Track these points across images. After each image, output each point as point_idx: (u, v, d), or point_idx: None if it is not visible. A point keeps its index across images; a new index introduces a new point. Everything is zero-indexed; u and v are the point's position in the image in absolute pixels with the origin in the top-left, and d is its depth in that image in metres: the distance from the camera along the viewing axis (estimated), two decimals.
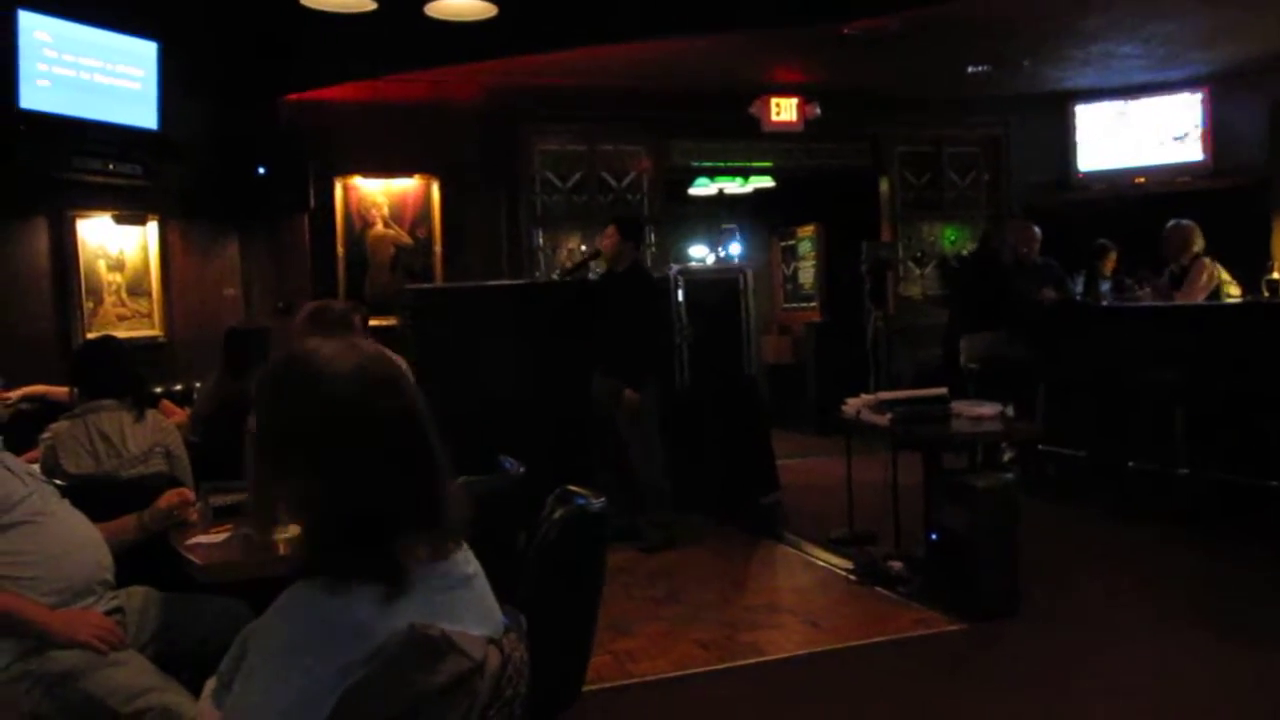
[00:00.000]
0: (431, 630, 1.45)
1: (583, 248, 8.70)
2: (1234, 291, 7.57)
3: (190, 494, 3.23)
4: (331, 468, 1.49)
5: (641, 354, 6.12)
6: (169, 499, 3.15)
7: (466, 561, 1.62)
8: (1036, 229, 7.72)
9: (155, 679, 2.59)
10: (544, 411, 6.35)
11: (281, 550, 2.62)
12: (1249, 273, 7.46)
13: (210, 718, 1.59)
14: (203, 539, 2.99)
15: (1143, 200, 9.35)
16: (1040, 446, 7.15)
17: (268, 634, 1.49)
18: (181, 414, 5.20)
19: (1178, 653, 4.21)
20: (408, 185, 8.18)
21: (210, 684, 1.66)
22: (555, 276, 8.06)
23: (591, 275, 7.06)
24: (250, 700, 1.46)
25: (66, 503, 2.87)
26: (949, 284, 9.14)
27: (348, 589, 1.45)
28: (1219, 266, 7.51)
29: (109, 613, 2.78)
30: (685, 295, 7.06)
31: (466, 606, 1.57)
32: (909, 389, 5.83)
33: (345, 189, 8.00)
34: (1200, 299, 6.95)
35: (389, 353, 1.64)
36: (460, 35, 5.65)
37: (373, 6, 4.91)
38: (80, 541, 2.81)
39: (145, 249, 6.87)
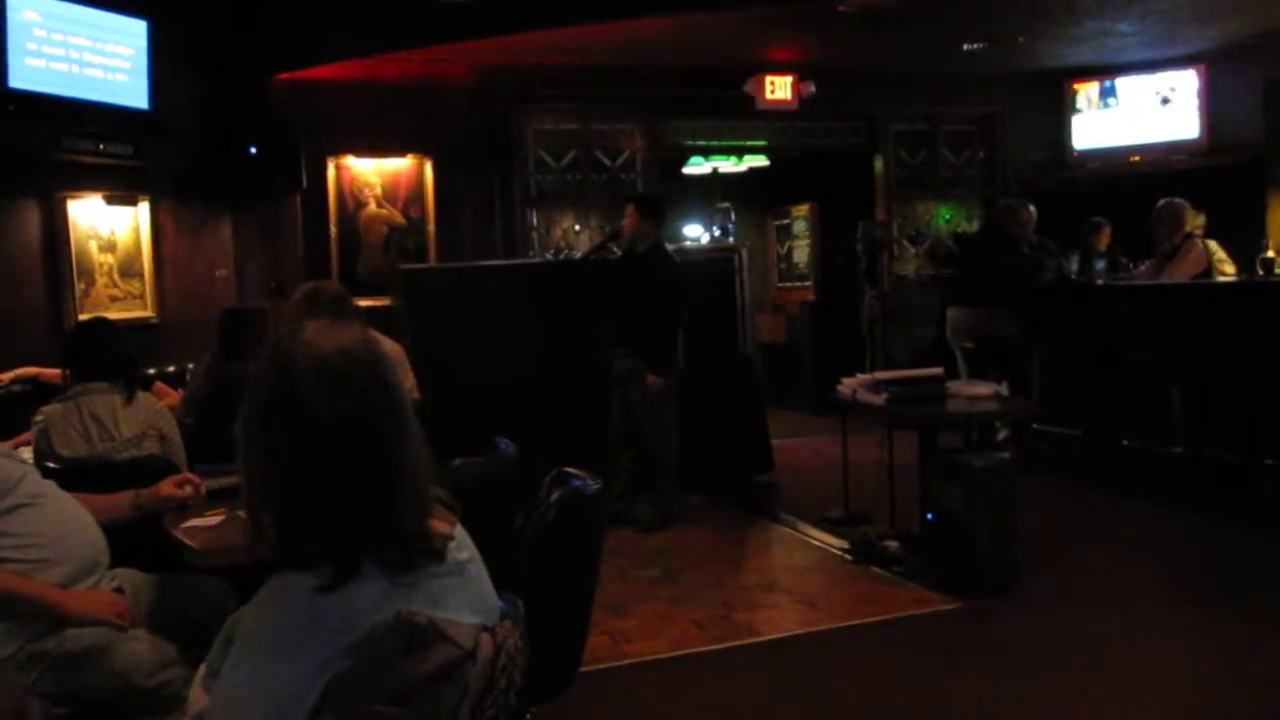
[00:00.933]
0: (418, 618, 1.44)
1: (576, 227, 8.68)
2: (1228, 270, 7.57)
3: (199, 481, 3.20)
4: (286, 459, 1.48)
5: (664, 338, 6.06)
6: (176, 489, 3.11)
7: (460, 548, 1.60)
8: (1031, 207, 7.70)
9: (172, 653, 2.61)
10: (541, 392, 6.34)
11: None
12: (1243, 250, 7.45)
13: (200, 704, 1.58)
14: (197, 522, 2.97)
15: (1138, 178, 9.33)
16: (1035, 425, 7.16)
17: (253, 622, 1.48)
18: (175, 395, 5.18)
19: (1173, 630, 4.23)
20: (400, 165, 8.15)
21: (202, 670, 1.65)
22: (578, 257, 7.97)
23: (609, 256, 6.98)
24: (237, 688, 1.45)
25: (53, 484, 2.86)
26: (941, 265, 9.10)
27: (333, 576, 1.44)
28: (1214, 245, 7.51)
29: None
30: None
31: (459, 594, 1.55)
32: (904, 368, 5.83)
33: (338, 169, 7.97)
34: (1186, 278, 6.93)
35: (376, 340, 1.61)
36: (453, 14, 5.62)
37: None
38: (78, 522, 2.81)
39: (137, 230, 6.83)
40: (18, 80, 5.50)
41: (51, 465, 3.47)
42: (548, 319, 6.55)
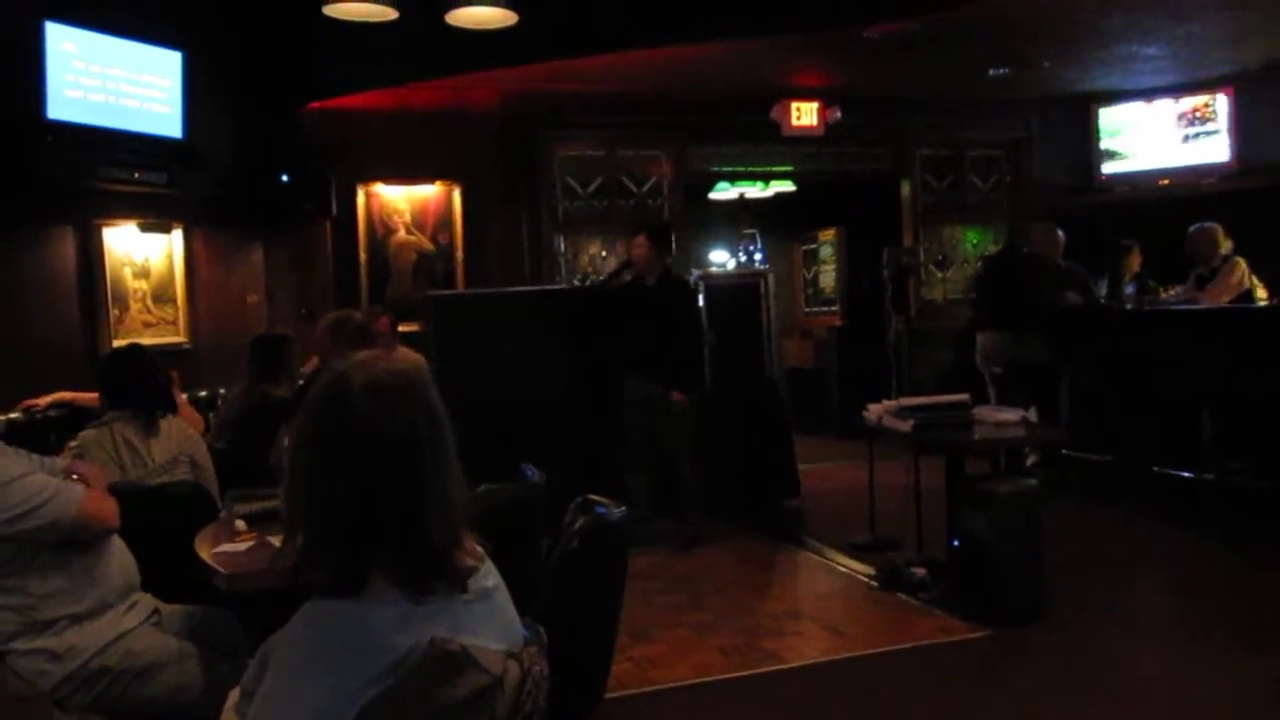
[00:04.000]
0: (451, 645, 1.46)
1: (603, 253, 8.72)
2: (1261, 294, 7.52)
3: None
4: (326, 466, 1.53)
5: (695, 359, 6.18)
6: None
7: (486, 575, 1.63)
8: (1060, 232, 7.68)
9: (225, 671, 2.68)
10: (567, 418, 6.36)
11: None
12: (1276, 274, 7.40)
13: None
14: (227, 547, 3.01)
15: (1167, 202, 9.29)
16: (1064, 451, 7.11)
17: (288, 648, 1.51)
18: (198, 418, 5.20)
19: (1202, 660, 4.18)
20: (429, 192, 8.22)
21: (233, 695, 1.68)
22: (599, 283, 8.00)
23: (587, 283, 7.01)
24: (271, 714, 1.47)
25: None
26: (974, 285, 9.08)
27: (367, 604, 1.47)
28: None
29: (150, 614, 2.89)
30: (706, 300, 7.08)
31: (486, 620, 1.58)
32: (931, 393, 5.82)
33: (367, 196, 8.05)
34: (1228, 299, 6.88)
35: (413, 363, 1.66)
36: (481, 43, 5.67)
37: (394, 15, 4.93)
38: (119, 545, 2.89)
39: (170, 257, 6.93)
40: (56, 111, 5.61)
41: None
42: (574, 345, 6.58)
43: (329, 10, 4.88)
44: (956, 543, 4.85)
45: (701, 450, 6.71)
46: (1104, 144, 9.79)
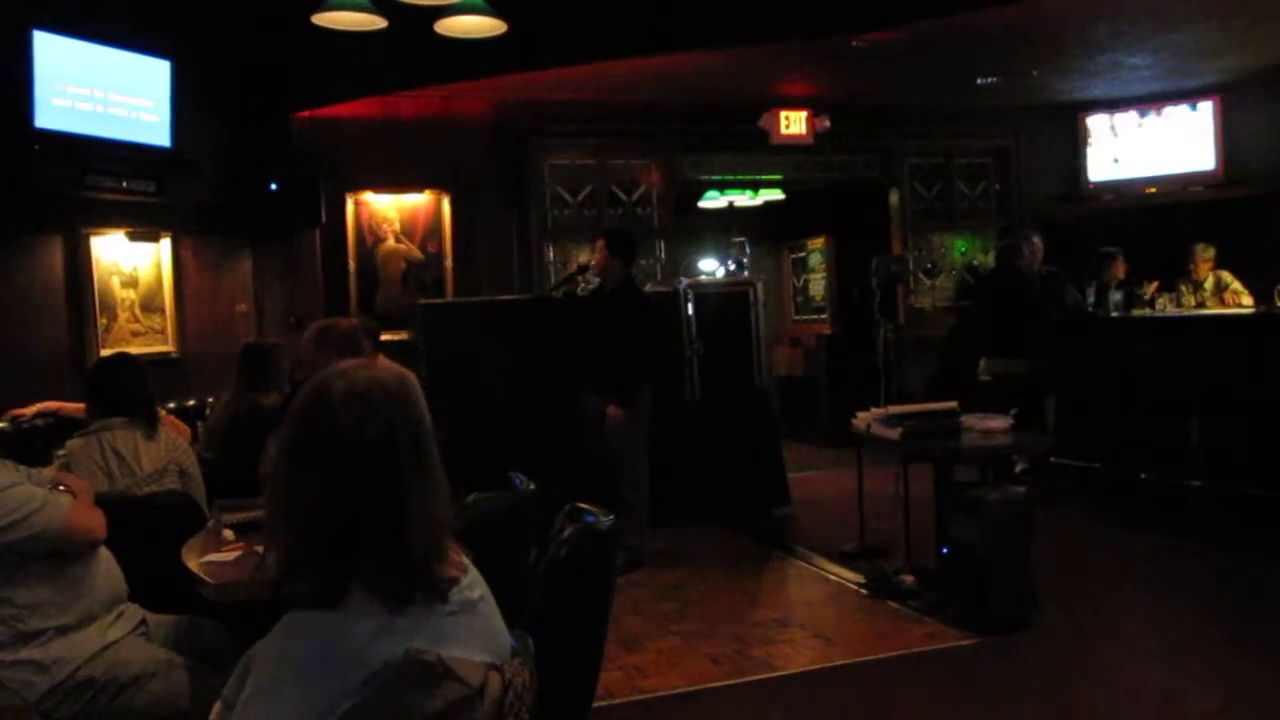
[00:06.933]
0: (427, 656, 1.46)
1: (591, 262, 8.71)
2: (1246, 301, 7.56)
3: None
4: (307, 474, 1.52)
5: (630, 372, 5.88)
6: None
7: (472, 586, 1.63)
8: (1037, 238, 7.70)
9: (215, 682, 2.67)
10: (556, 426, 6.36)
11: None
12: (1261, 282, 7.44)
13: None
14: (215, 557, 3.00)
15: (1154, 210, 9.34)
16: (1052, 459, 7.12)
17: (268, 658, 1.51)
18: (184, 428, 5.18)
19: (1191, 667, 4.19)
20: (419, 200, 8.22)
21: (217, 707, 1.67)
22: (551, 288, 7.93)
23: (581, 290, 6.86)
24: None
25: None
26: (965, 296, 9.04)
27: (346, 615, 1.47)
28: (1228, 275, 7.50)
29: (137, 625, 2.88)
30: (695, 309, 7.08)
31: (469, 631, 1.58)
32: (921, 401, 5.83)
33: (357, 204, 8.05)
34: None
35: (411, 378, 1.66)
36: (470, 52, 5.67)
37: (383, 24, 4.93)
38: (107, 557, 2.89)
39: (158, 265, 6.91)
40: (44, 120, 5.60)
41: None
42: (562, 352, 6.58)
43: (317, 19, 4.87)
44: (945, 550, 4.86)
45: (690, 458, 6.72)
46: (1091, 152, 9.83)
